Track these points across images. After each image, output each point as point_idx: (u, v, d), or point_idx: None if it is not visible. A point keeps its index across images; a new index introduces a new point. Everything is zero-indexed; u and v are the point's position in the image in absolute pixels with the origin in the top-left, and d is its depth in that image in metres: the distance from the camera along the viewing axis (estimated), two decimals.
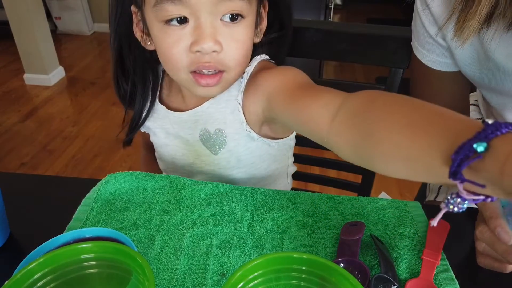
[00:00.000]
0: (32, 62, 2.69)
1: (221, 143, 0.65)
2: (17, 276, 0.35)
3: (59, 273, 0.38)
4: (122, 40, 0.63)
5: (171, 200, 0.60)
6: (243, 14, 0.55)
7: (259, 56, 0.64)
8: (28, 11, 2.46)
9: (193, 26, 0.53)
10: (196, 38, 0.53)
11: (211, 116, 0.64)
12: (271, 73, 0.60)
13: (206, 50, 0.53)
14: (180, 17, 0.53)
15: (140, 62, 0.65)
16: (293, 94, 0.54)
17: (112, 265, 0.39)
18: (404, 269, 0.49)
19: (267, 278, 0.37)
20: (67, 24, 3.56)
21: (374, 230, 0.54)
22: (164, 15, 0.53)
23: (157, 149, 0.75)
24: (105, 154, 2.08)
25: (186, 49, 0.54)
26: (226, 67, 0.57)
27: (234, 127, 0.64)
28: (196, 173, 0.71)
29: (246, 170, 0.68)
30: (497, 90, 0.61)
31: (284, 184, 0.77)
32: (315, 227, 0.55)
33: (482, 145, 0.26)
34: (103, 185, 0.62)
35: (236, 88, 0.62)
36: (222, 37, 0.54)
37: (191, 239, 0.54)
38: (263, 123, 0.63)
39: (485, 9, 0.49)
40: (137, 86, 0.66)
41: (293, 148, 0.75)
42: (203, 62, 0.55)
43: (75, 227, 0.55)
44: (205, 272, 0.49)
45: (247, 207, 0.59)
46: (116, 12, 0.60)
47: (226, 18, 0.54)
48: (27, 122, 2.38)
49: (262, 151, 0.67)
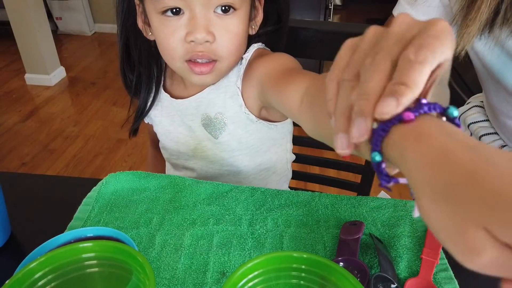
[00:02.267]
0: (33, 62, 2.69)
1: (221, 127, 0.68)
2: (18, 275, 0.35)
3: (60, 273, 0.38)
4: (129, 33, 0.66)
5: (172, 200, 0.60)
6: (235, 6, 0.58)
7: (256, 44, 0.66)
8: (29, 11, 2.46)
9: (188, 17, 0.57)
10: (190, 29, 0.56)
11: (212, 101, 0.67)
12: (264, 59, 0.63)
13: (199, 40, 0.56)
14: (175, 8, 0.56)
15: (145, 54, 0.68)
16: (278, 78, 0.56)
17: (113, 264, 0.39)
18: (404, 268, 0.49)
19: (267, 277, 0.38)
20: (68, 24, 3.56)
21: (374, 230, 0.55)
22: (160, 6, 0.56)
23: (161, 139, 0.77)
24: (106, 154, 2.08)
25: (182, 39, 0.58)
26: (219, 57, 0.60)
27: (234, 111, 0.67)
28: (199, 158, 0.73)
29: (247, 152, 0.71)
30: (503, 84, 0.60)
31: (283, 170, 0.78)
32: (315, 227, 0.56)
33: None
34: (104, 184, 0.63)
35: (236, 74, 0.65)
36: (215, 28, 0.57)
37: (192, 238, 0.54)
38: (261, 107, 0.66)
39: (484, 15, 0.49)
40: (142, 76, 0.70)
41: (292, 133, 0.77)
42: (197, 51, 0.58)
43: (76, 226, 0.56)
44: (206, 271, 0.49)
45: (247, 206, 0.59)
46: (123, 6, 0.63)
47: (218, 10, 0.57)
48: (28, 122, 2.38)
49: (262, 133, 0.69)
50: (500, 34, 0.51)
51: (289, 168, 0.81)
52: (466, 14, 0.51)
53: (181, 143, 0.73)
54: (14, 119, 2.40)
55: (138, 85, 0.70)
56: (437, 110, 0.26)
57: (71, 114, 2.46)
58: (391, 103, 0.25)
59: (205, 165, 0.73)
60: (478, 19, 0.49)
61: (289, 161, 0.79)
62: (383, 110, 0.26)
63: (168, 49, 0.60)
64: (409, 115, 0.25)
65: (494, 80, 0.60)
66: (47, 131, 2.28)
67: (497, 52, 0.55)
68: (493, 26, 0.50)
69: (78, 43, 3.47)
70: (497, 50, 0.55)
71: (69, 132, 2.27)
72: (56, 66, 2.81)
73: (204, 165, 0.73)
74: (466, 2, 0.51)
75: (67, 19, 3.53)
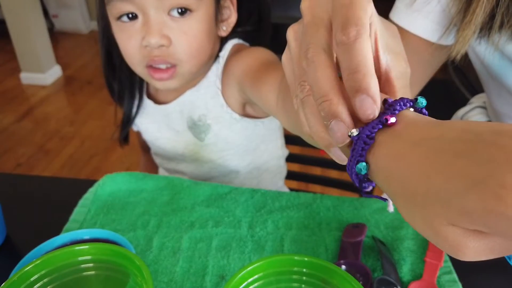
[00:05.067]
0: (28, 60, 2.67)
1: (206, 129, 0.67)
2: (13, 278, 0.35)
3: (56, 275, 0.37)
4: (109, 40, 0.64)
5: (170, 201, 0.59)
6: (191, 7, 0.56)
7: (232, 40, 0.65)
8: (25, 9, 2.44)
9: (142, 22, 0.56)
10: (144, 34, 0.56)
11: (193, 103, 0.67)
12: (240, 56, 0.62)
13: (153, 44, 0.56)
14: (130, 13, 0.56)
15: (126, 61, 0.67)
16: (254, 77, 0.56)
17: (110, 267, 0.38)
18: (407, 271, 0.48)
19: (268, 281, 0.37)
20: (64, 22, 3.53)
21: (376, 232, 0.54)
22: (115, 12, 0.56)
23: (150, 145, 0.77)
24: (102, 154, 2.07)
25: (138, 45, 0.57)
26: (178, 61, 0.58)
27: (216, 111, 0.66)
28: (189, 162, 0.73)
29: (235, 152, 0.70)
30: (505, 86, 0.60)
31: (277, 166, 0.77)
32: (316, 229, 0.55)
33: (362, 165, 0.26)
34: (100, 186, 0.62)
35: (214, 73, 0.64)
36: (171, 31, 0.56)
37: (190, 241, 0.53)
38: (244, 104, 0.65)
39: (480, 19, 0.48)
40: (124, 83, 0.69)
41: (282, 129, 0.76)
42: (153, 56, 0.57)
43: (72, 228, 0.55)
44: (204, 274, 0.48)
45: (247, 208, 0.58)
46: (101, 13, 0.62)
47: (174, 13, 0.56)
48: (23, 122, 2.36)
49: (248, 131, 0.68)
50: (499, 39, 0.51)
51: (283, 165, 0.80)
52: (463, 18, 0.50)
53: (169, 148, 0.73)
54: (9, 119, 2.38)
55: (121, 92, 0.70)
56: (407, 105, 0.25)
57: (67, 114, 2.45)
58: (367, 102, 0.24)
59: (195, 168, 0.73)
60: (473, 23, 0.49)
61: (281, 157, 0.78)
62: (364, 113, 0.24)
63: (127, 55, 0.60)
64: (390, 118, 0.25)
65: (496, 82, 0.60)
66: (42, 131, 2.27)
67: (497, 56, 0.55)
68: (491, 30, 0.50)
69: (75, 41, 3.45)
70: (497, 54, 0.54)
71: (65, 132, 2.26)
72: (52, 64, 2.79)
73: (194, 168, 0.73)
74: (463, 6, 0.50)
75: (64, 16, 3.50)
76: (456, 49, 0.52)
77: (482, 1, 0.47)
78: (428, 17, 0.56)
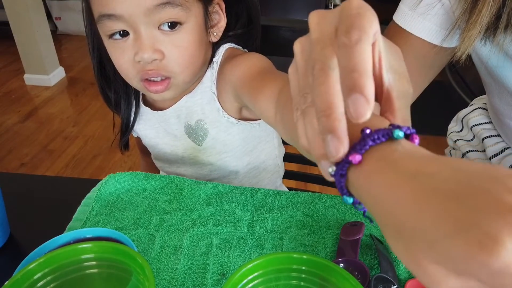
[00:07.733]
0: (32, 62, 2.68)
1: (203, 133, 0.68)
2: (17, 277, 0.35)
3: (59, 273, 0.38)
4: (101, 52, 0.65)
5: (171, 200, 0.60)
6: (181, 21, 0.56)
7: (225, 45, 0.65)
8: (28, 11, 2.46)
9: (133, 38, 0.56)
10: (136, 49, 0.56)
11: (190, 109, 0.67)
12: (235, 62, 0.62)
13: (146, 59, 0.56)
14: (121, 30, 0.56)
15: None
16: (250, 86, 0.56)
17: (112, 265, 0.39)
18: (404, 269, 0.49)
19: (267, 278, 0.37)
20: (67, 25, 3.55)
21: (374, 230, 0.54)
22: (107, 30, 0.56)
23: (151, 150, 0.77)
24: (105, 154, 2.08)
25: (131, 60, 0.57)
26: (171, 73, 0.59)
27: (213, 116, 0.66)
28: (189, 165, 0.73)
29: (233, 154, 0.70)
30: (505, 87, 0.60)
31: (274, 166, 0.78)
32: (315, 227, 0.55)
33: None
34: (103, 185, 0.62)
35: (209, 79, 0.65)
36: (163, 45, 0.56)
37: (191, 239, 0.54)
38: (240, 108, 0.66)
39: (485, 19, 0.48)
40: (120, 93, 0.69)
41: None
42: (147, 70, 0.57)
43: (75, 227, 0.55)
44: (205, 272, 0.49)
45: (247, 207, 0.59)
46: (89, 28, 0.63)
47: (164, 27, 0.56)
48: (27, 122, 2.38)
49: (245, 133, 0.69)
50: (504, 40, 0.51)
51: (280, 164, 0.80)
52: (468, 19, 0.50)
53: (168, 153, 0.73)
54: (13, 120, 2.39)
55: (117, 101, 0.70)
56: (382, 139, 0.25)
57: (71, 115, 2.46)
58: (360, 101, 0.23)
59: (194, 171, 0.73)
60: (479, 23, 0.49)
61: (278, 157, 0.79)
62: (356, 113, 0.24)
63: (122, 70, 0.60)
64: (356, 158, 0.25)
65: (497, 83, 0.60)
66: (46, 132, 2.28)
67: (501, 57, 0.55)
68: (496, 31, 0.50)
69: (78, 43, 3.46)
70: (501, 55, 0.54)
71: (69, 133, 2.27)
72: (55, 66, 2.81)
73: (194, 171, 0.73)
74: (468, 6, 0.50)
75: (67, 19, 3.52)
76: (461, 49, 0.52)
77: (489, 1, 0.46)
78: (432, 20, 0.56)
